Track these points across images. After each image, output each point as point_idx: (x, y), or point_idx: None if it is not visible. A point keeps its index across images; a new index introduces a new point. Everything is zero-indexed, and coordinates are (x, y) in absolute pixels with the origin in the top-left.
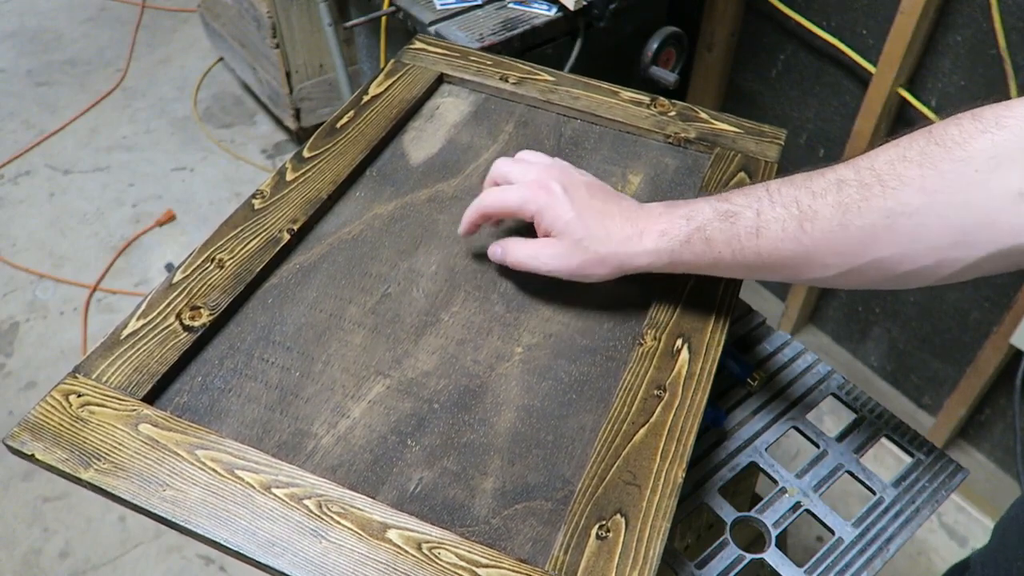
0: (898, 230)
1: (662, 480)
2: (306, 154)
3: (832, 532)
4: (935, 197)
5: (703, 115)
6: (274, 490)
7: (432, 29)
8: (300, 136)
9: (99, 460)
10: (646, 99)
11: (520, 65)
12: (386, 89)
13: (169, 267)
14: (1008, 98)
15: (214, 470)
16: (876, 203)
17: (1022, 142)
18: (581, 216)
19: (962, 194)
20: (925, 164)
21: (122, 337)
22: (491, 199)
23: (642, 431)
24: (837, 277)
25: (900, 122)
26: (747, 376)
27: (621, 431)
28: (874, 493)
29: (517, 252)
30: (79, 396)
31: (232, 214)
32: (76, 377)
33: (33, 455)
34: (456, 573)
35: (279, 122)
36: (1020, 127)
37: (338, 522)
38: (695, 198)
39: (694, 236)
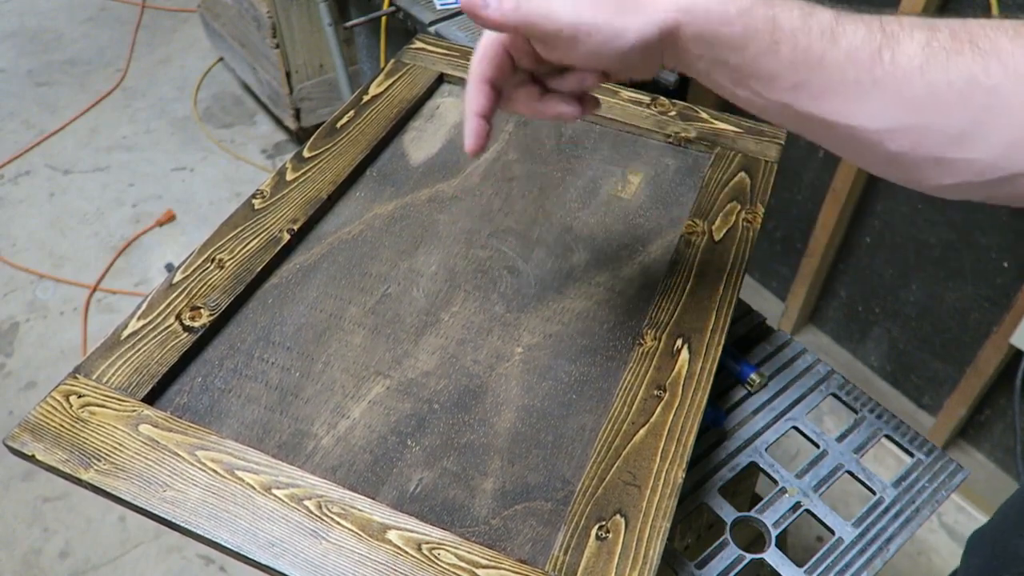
0: (969, 100)
1: (662, 480)
2: (306, 154)
3: (832, 532)
4: (1017, 80)
5: (703, 115)
6: (274, 491)
7: (432, 29)
8: (300, 136)
9: (99, 461)
10: (646, 99)
11: None
12: (386, 89)
13: (169, 267)
14: None
15: (214, 471)
16: (963, 60)
17: None
18: None
19: None
20: (1019, 41)
21: (122, 337)
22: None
23: (642, 431)
24: (877, 133)
25: None
26: (747, 376)
27: (621, 431)
28: (874, 493)
29: (534, 4)
30: (79, 397)
31: (232, 214)
32: (76, 378)
33: (33, 456)
34: (456, 574)
35: (279, 122)
36: None
37: (338, 523)
38: None
39: (757, 10)
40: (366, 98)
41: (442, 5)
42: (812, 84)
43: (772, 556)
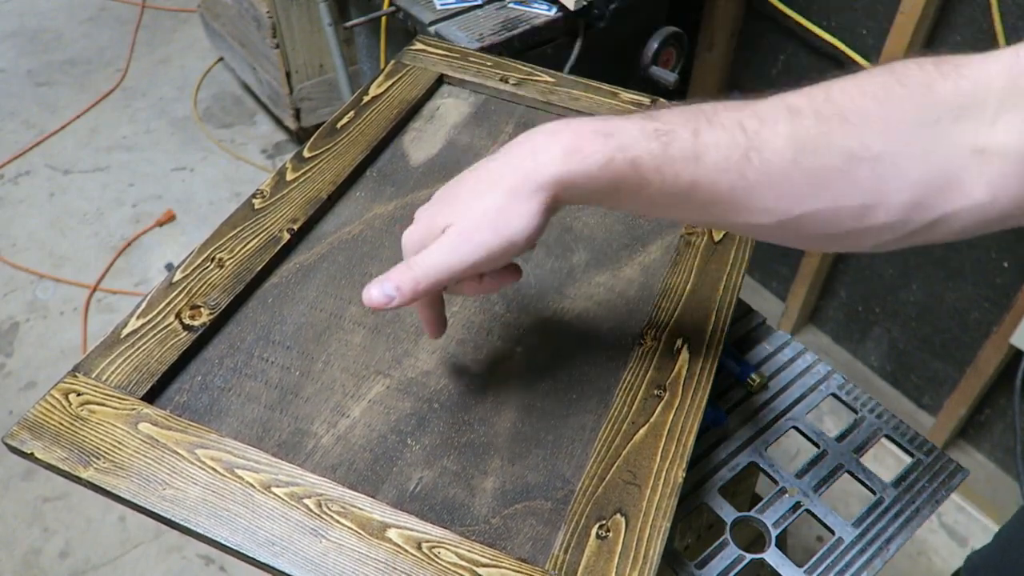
0: (855, 176)
1: (662, 480)
2: (306, 154)
3: (832, 532)
4: (897, 144)
5: None
6: (274, 489)
7: (432, 29)
8: (300, 136)
9: (99, 459)
10: (646, 100)
11: (520, 66)
12: (386, 90)
13: (169, 267)
14: None
15: (214, 469)
16: (836, 140)
17: (981, 95)
18: (453, 196)
19: (923, 143)
20: (888, 104)
21: (122, 336)
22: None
23: (642, 431)
24: (774, 227)
25: None
26: (747, 376)
27: (621, 431)
28: (874, 493)
29: (426, 265)
30: (79, 395)
31: (232, 214)
32: (76, 376)
33: (33, 454)
34: (456, 572)
35: (279, 122)
36: (980, 80)
37: (338, 521)
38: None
39: (617, 158)
40: (366, 99)
41: (442, 5)
42: (691, 203)
43: (772, 556)
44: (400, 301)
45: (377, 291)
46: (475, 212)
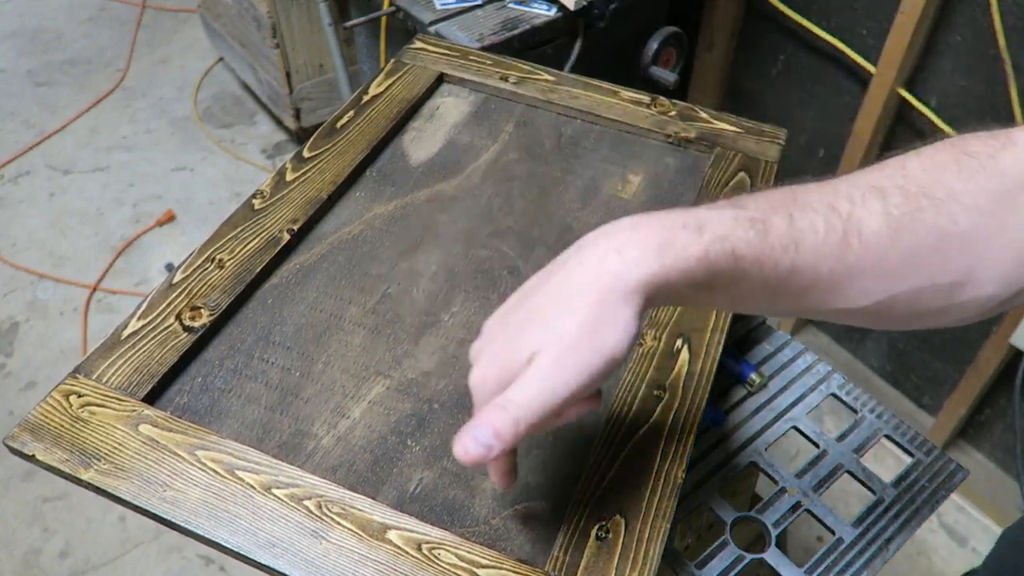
0: (948, 254)
1: (662, 480)
2: (306, 154)
3: (832, 532)
4: (982, 217)
5: (703, 115)
6: (274, 491)
7: (432, 29)
8: (300, 136)
9: (99, 460)
10: (646, 99)
11: (520, 65)
12: (386, 89)
13: (169, 267)
14: (1008, 98)
15: (214, 471)
16: (927, 218)
17: None
18: (515, 310)
19: (1002, 215)
20: (964, 176)
21: (122, 337)
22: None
23: (642, 431)
24: (867, 309)
25: (900, 122)
26: (747, 376)
27: (621, 431)
28: (874, 493)
29: (525, 404)
30: (79, 396)
31: (232, 214)
32: (76, 377)
33: (33, 455)
34: (456, 574)
35: (279, 122)
36: None
37: (338, 523)
38: (683, 207)
39: (713, 251)
40: (366, 98)
41: (442, 5)
42: (789, 292)
43: (772, 556)
44: (501, 449)
45: (472, 442)
46: (566, 331)
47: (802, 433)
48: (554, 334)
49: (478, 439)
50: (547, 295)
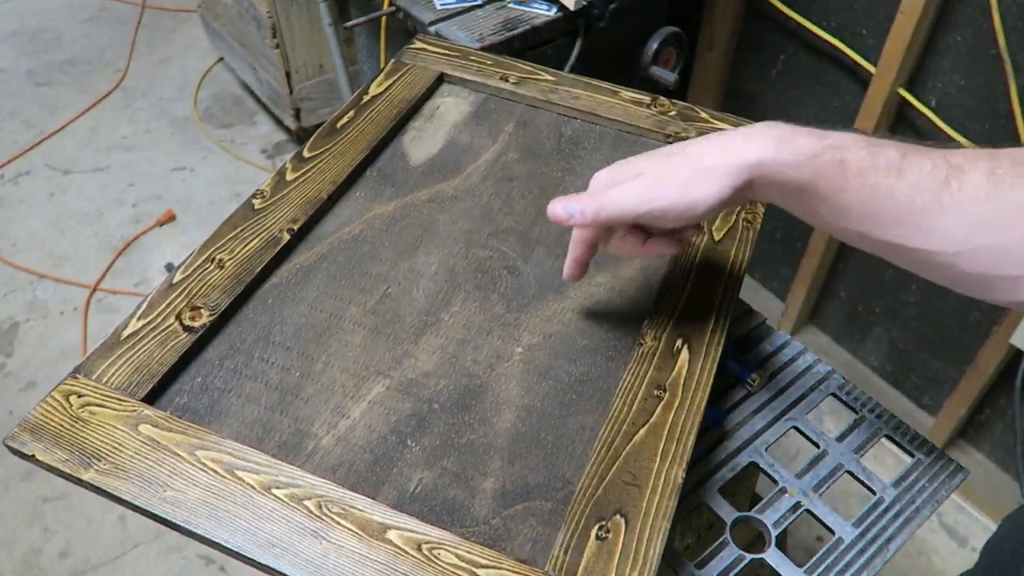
0: None
1: (662, 480)
2: (306, 154)
3: (832, 532)
4: None
5: (703, 115)
6: (274, 491)
7: (432, 29)
8: (300, 136)
9: (99, 461)
10: (646, 99)
11: (520, 65)
12: (386, 89)
13: (169, 267)
14: (1008, 98)
15: (214, 471)
16: None
17: None
18: (663, 151)
19: None
20: None
21: (122, 337)
22: (577, 234)
23: (642, 431)
24: (948, 256)
25: (900, 122)
26: (747, 376)
27: (621, 431)
28: (874, 493)
29: (612, 198)
30: (79, 396)
31: (232, 214)
32: (76, 377)
33: (33, 455)
34: (456, 574)
35: (279, 122)
36: None
37: (338, 523)
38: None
39: (826, 154)
40: (366, 98)
41: (442, 5)
42: (882, 215)
43: (772, 556)
44: (579, 222)
45: (561, 207)
46: (671, 169)
47: (802, 433)
48: (661, 168)
49: (567, 207)
50: (673, 149)
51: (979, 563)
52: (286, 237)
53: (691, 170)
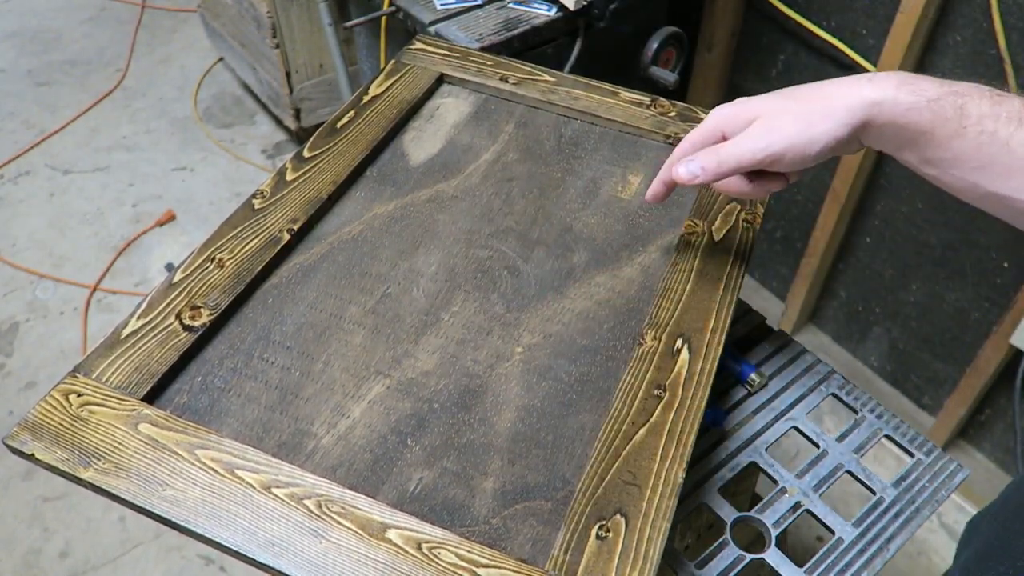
0: None
1: (662, 480)
2: (306, 154)
3: (832, 532)
4: None
5: (703, 115)
6: (274, 490)
7: (432, 29)
8: (300, 136)
9: (99, 460)
10: (646, 99)
11: (520, 65)
12: (386, 89)
13: (169, 267)
14: None
15: (214, 470)
16: None
17: None
18: (777, 92)
19: None
20: None
21: (122, 337)
22: (679, 146)
23: (642, 431)
24: None
25: None
26: (747, 376)
27: (621, 431)
28: (874, 493)
29: (728, 148)
30: (79, 396)
31: (232, 214)
32: (76, 377)
33: (33, 455)
34: (456, 573)
35: (279, 122)
36: None
37: (338, 522)
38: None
39: (946, 99)
40: (366, 98)
41: (442, 5)
42: (998, 164)
43: (772, 556)
44: (702, 179)
45: (684, 169)
46: (789, 106)
47: (802, 433)
48: (779, 108)
49: (688, 168)
50: (790, 90)
51: (989, 509)
52: (286, 237)
53: (809, 108)
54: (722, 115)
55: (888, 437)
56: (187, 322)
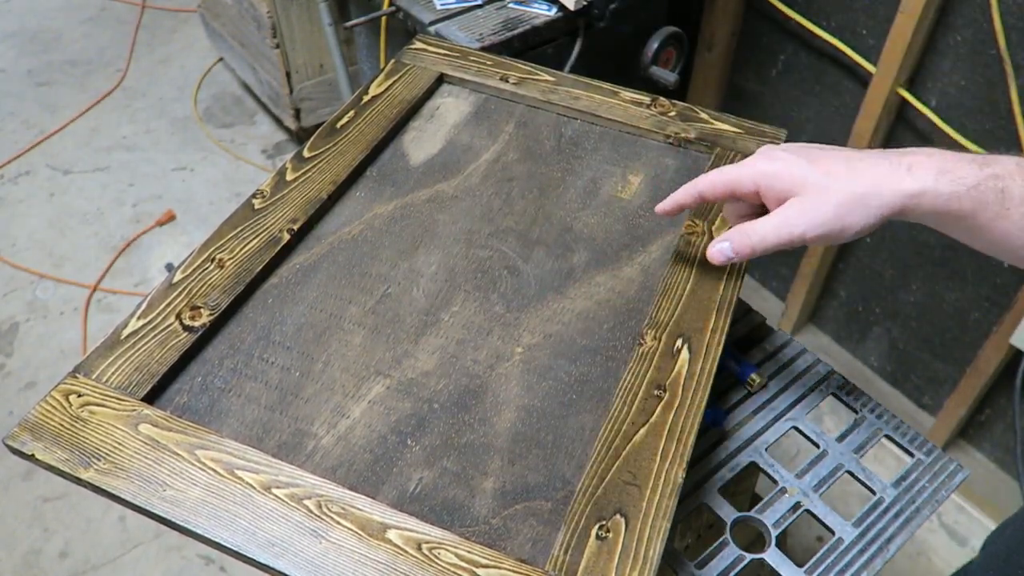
0: None
1: (662, 480)
2: (306, 154)
3: (832, 532)
4: None
5: (703, 115)
6: (274, 490)
7: (432, 29)
8: (300, 136)
9: (99, 460)
10: (646, 99)
11: (520, 65)
12: (386, 89)
13: (169, 267)
14: (1008, 98)
15: (214, 470)
16: None
17: None
18: (818, 163)
19: None
20: None
21: (122, 337)
22: (710, 176)
23: (642, 431)
24: None
25: (900, 122)
26: (747, 376)
27: (621, 431)
28: (874, 493)
29: (759, 230)
30: (79, 396)
31: (232, 214)
32: (76, 377)
33: (33, 455)
34: (456, 573)
35: (279, 122)
36: None
37: (338, 522)
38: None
39: (986, 184)
40: (366, 98)
41: (442, 5)
42: None
43: (772, 556)
44: (738, 260)
45: (717, 251)
46: (830, 185)
47: (802, 433)
48: (820, 187)
49: (723, 251)
50: (843, 159)
51: (983, 553)
52: (286, 237)
53: (847, 195)
54: (763, 173)
55: (888, 437)
56: (187, 322)
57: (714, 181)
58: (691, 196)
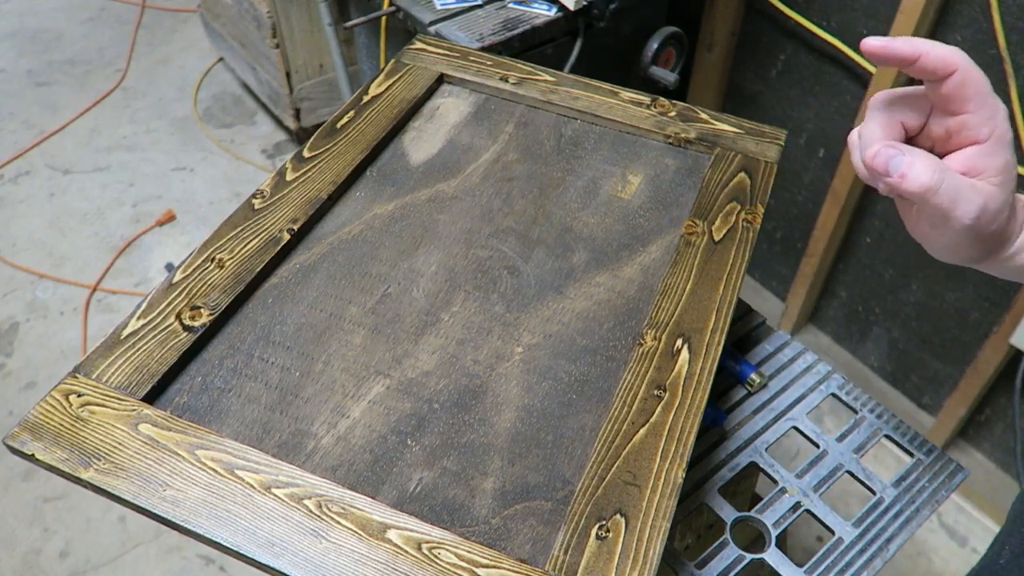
0: None
1: (662, 480)
2: (306, 154)
3: (832, 532)
4: None
5: (703, 115)
6: (274, 490)
7: (432, 29)
8: (300, 136)
9: (99, 460)
10: (646, 99)
11: (520, 65)
12: (386, 89)
13: (169, 267)
14: (1008, 98)
15: (214, 470)
16: None
17: None
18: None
19: None
20: None
21: (122, 337)
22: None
23: (642, 431)
24: None
25: None
26: (747, 376)
27: (621, 431)
28: (874, 493)
29: (947, 186)
30: (79, 396)
31: (232, 214)
32: (76, 377)
33: (33, 455)
34: (456, 573)
35: (279, 122)
36: None
37: (338, 522)
38: None
39: None
40: (366, 98)
41: (442, 5)
42: None
43: (772, 556)
44: (902, 189)
45: (884, 161)
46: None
47: (802, 433)
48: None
49: (895, 164)
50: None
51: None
52: (286, 237)
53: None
54: (991, 97)
55: (888, 437)
56: (187, 322)
57: (946, 56)
58: (913, 49)
